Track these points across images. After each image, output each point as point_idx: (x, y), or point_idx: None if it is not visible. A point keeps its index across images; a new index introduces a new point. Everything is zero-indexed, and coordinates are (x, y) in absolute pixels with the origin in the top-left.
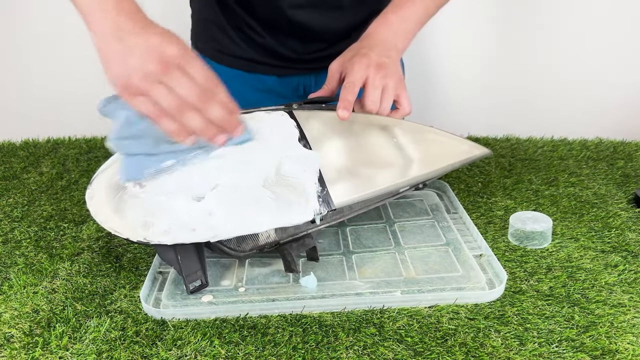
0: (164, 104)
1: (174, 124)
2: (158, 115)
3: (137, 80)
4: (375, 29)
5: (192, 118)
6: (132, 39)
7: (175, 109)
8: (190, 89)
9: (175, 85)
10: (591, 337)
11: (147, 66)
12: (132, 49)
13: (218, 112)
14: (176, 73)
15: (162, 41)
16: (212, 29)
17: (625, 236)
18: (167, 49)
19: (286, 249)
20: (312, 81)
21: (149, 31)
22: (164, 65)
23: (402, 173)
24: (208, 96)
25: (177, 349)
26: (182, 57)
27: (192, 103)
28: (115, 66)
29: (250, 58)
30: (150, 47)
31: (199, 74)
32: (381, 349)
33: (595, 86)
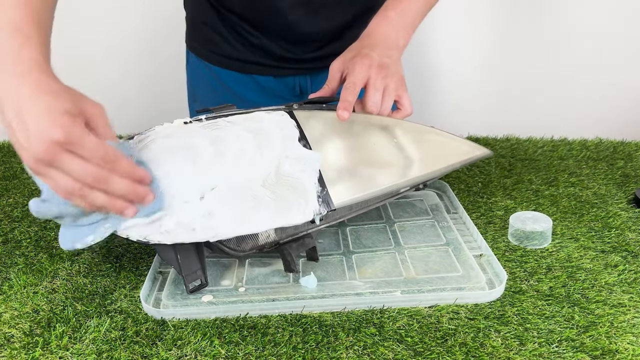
0: (63, 186)
1: (81, 201)
2: (65, 194)
3: (30, 162)
4: (376, 27)
5: (96, 197)
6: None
7: (76, 189)
8: (84, 171)
9: (68, 169)
10: (591, 337)
11: (36, 152)
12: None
13: (120, 185)
14: (64, 158)
15: (44, 123)
16: (206, 31)
17: (625, 236)
18: (52, 133)
19: (286, 249)
20: (308, 81)
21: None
22: (47, 152)
23: (402, 173)
24: (106, 173)
25: (177, 349)
26: (68, 141)
27: (90, 184)
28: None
29: (245, 59)
30: (34, 129)
31: (92, 152)
32: (381, 349)
33: (595, 86)
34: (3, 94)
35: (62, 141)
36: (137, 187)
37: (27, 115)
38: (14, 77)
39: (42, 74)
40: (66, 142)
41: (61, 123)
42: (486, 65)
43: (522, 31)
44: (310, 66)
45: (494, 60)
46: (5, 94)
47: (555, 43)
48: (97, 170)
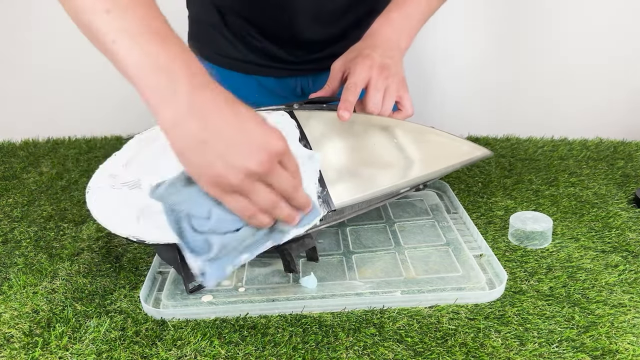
0: (263, 203)
1: (266, 218)
2: (253, 215)
3: (235, 180)
4: (378, 28)
5: (284, 209)
6: (221, 126)
7: (272, 205)
8: (288, 183)
9: (275, 183)
10: (591, 337)
11: (249, 165)
12: (227, 143)
13: (304, 198)
14: (278, 170)
15: (264, 134)
16: (210, 32)
17: (625, 236)
18: (275, 145)
19: (286, 249)
20: (310, 82)
21: (241, 117)
22: (270, 164)
23: (402, 174)
24: (298, 184)
25: (177, 349)
26: (285, 153)
27: (287, 195)
28: (199, 156)
29: (248, 60)
30: (253, 143)
31: (294, 164)
32: (381, 349)
33: (595, 86)
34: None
35: (281, 151)
36: (306, 195)
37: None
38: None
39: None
40: (283, 153)
41: (279, 134)
42: (486, 65)
43: (522, 31)
44: (312, 67)
45: (494, 60)
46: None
47: (555, 43)
48: (294, 181)
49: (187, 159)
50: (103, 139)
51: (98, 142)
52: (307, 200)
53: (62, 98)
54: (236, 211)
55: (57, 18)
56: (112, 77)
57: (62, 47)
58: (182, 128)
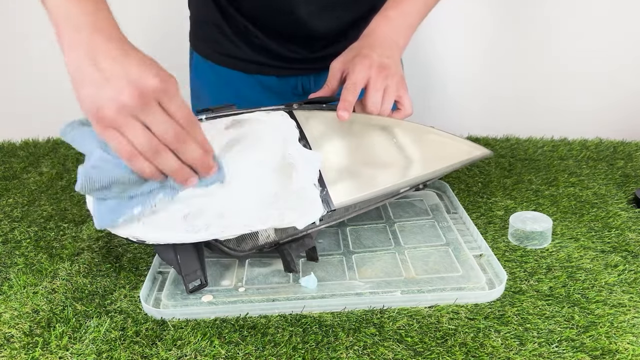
0: (138, 142)
1: (147, 164)
2: (131, 155)
3: (110, 112)
4: (376, 27)
5: (167, 159)
6: (107, 64)
7: (150, 149)
8: (168, 128)
9: (151, 123)
10: (591, 337)
11: (122, 98)
12: (107, 76)
13: (195, 153)
14: (154, 108)
15: (141, 71)
16: (211, 31)
17: (625, 236)
18: (147, 81)
19: (286, 249)
20: (311, 81)
21: (128, 57)
22: (141, 98)
23: (402, 173)
24: (185, 135)
25: (177, 349)
26: (162, 91)
27: (168, 143)
28: (86, 92)
29: (250, 59)
30: (128, 77)
31: (179, 110)
32: (381, 349)
33: (595, 86)
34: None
35: (158, 88)
36: (206, 156)
37: (117, 63)
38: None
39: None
40: (161, 90)
41: (158, 73)
42: (486, 65)
43: (523, 31)
44: (313, 66)
45: (494, 60)
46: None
47: (555, 43)
48: (179, 129)
49: (78, 94)
50: None
51: None
52: (202, 159)
53: (62, 98)
54: (113, 148)
55: None
56: None
57: None
58: (79, 68)
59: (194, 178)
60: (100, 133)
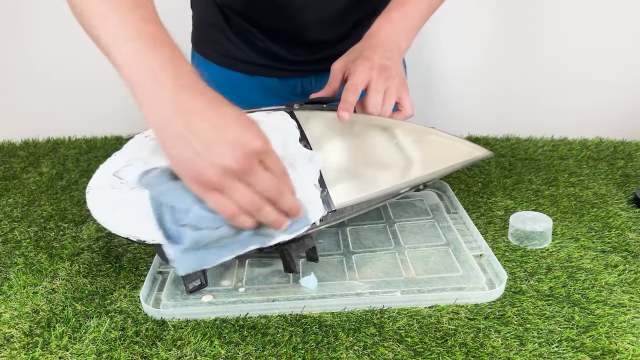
0: (243, 203)
1: (247, 219)
2: (234, 215)
3: (214, 177)
4: (379, 28)
5: (268, 213)
6: (203, 128)
7: (253, 206)
8: (269, 185)
9: (255, 182)
10: (591, 337)
11: (226, 162)
12: (206, 142)
13: (290, 202)
14: (258, 169)
15: (241, 132)
16: (213, 33)
17: (625, 236)
18: (251, 143)
19: (286, 250)
20: (312, 82)
21: (223, 117)
22: (246, 162)
23: (402, 174)
24: (283, 187)
25: (177, 349)
26: (264, 151)
27: (270, 197)
28: (182, 154)
29: (251, 61)
30: (229, 140)
31: (276, 165)
32: (381, 349)
33: (595, 86)
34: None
35: (262, 149)
36: (296, 202)
37: (215, 127)
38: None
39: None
40: (264, 152)
41: (259, 133)
42: (486, 65)
43: (523, 31)
44: (314, 67)
45: (494, 60)
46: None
47: (555, 43)
48: (278, 183)
49: (171, 154)
50: (103, 139)
51: (98, 142)
52: (295, 205)
53: (62, 98)
54: (216, 209)
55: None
56: (112, 77)
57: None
58: (166, 126)
59: (287, 222)
60: (200, 195)
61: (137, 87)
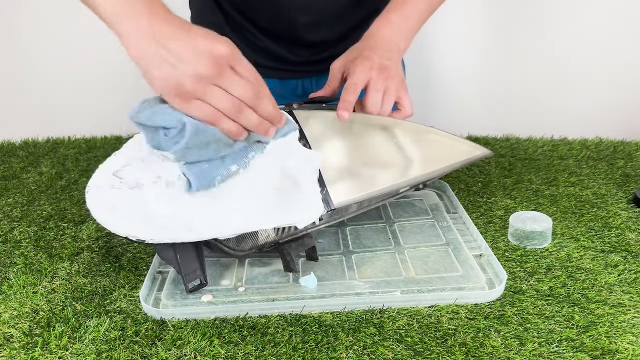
0: (222, 106)
1: (234, 124)
2: (217, 118)
3: (190, 85)
4: (378, 30)
5: (249, 116)
6: (175, 45)
7: (234, 109)
8: (245, 88)
9: (230, 86)
10: (591, 337)
11: (199, 69)
12: (179, 54)
13: (269, 107)
14: (229, 73)
15: (209, 42)
16: None
17: (625, 236)
18: (218, 49)
19: (285, 249)
20: (313, 83)
21: (192, 34)
22: (216, 66)
23: (402, 174)
24: (260, 92)
25: (177, 349)
26: (232, 57)
27: (247, 101)
28: (161, 73)
29: (252, 62)
30: (199, 50)
31: (249, 72)
32: (381, 349)
33: (595, 86)
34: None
35: (228, 54)
36: (277, 109)
37: (185, 43)
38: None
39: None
40: (231, 56)
41: (226, 41)
42: (486, 65)
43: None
44: (316, 68)
45: (494, 60)
46: (148, 40)
47: (555, 43)
48: (254, 87)
49: (152, 77)
50: (103, 139)
51: (98, 142)
52: (276, 112)
53: (62, 98)
54: (201, 118)
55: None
56: (112, 77)
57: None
58: (145, 51)
59: (273, 129)
60: (183, 108)
61: (116, 26)
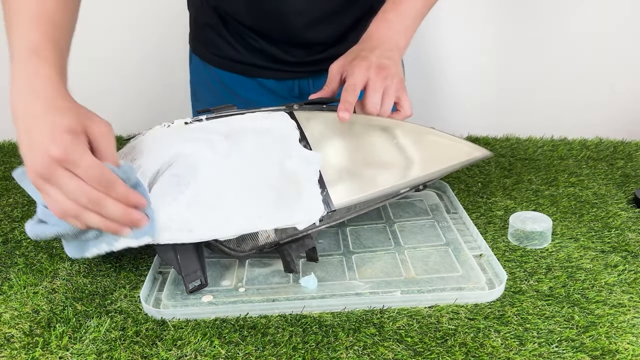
0: (58, 205)
1: (76, 221)
2: (60, 213)
3: (32, 176)
4: (376, 29)
5: (90, 218)
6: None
7: (71, 210)
8: (78, 193)
9: (62, 189)
10: (591, 337)
11: (35, 165)
12: (27, 141)
13: (115, 210)
14: (62, 176)
15: (46, 138)
16: (210, 34)
17: (625, 236)
18: (51, 149)
19: (285, 250)
20: (309, 83)
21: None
22: (46, 167)
23: (402, 174)
24: (100, 196)
25: (177, 349)
26: (65, 158)
27: (84, 206)
28: (21, 149)
29: (248, 62)
30: (37, 144)
31: (87, 172)
32: (381, 349)
33: (595, 86)
34: (18, 111)
35: (59, 158)
36: (131, 212)
37: (33, 130)
38: (28, 95)
39: (54, 92)
40: (63, 160)
41: (61, 140)
42: (486, 64)
43: (522, 31)
44: (313, 69)
45: (494, 60)
46: (19, 111)
47: (555, 43)
48: (91, 191)
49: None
50: None
51: None
52: (127, 214)
53: None
54: (46, 203)
55: None
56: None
57: None
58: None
59: (125, 230)
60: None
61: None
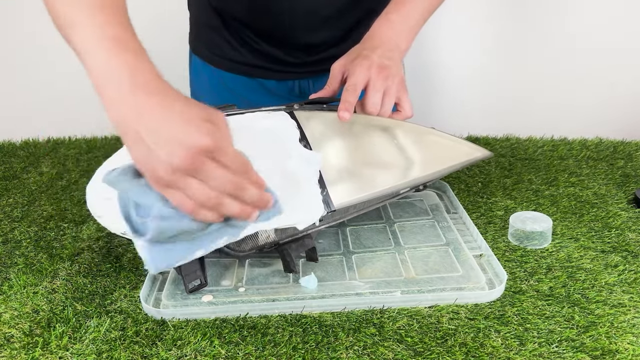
0: (197, 199)
1: (211, 213)
2: (193, 210)
3: (165, 174)
4: (378, 30)
5: (229, 206)
6: (153, 125)
7: (210, 202)
8: (224, 181)
9: (207, 179)
10: (591, 337)
11: (173, 160)
12: (155, 139)
13: (254, 196)
14: (207, 166)
15: (187, 130)
16: (210, 34)
17: (625, 236)
18: (196, 142)
19: (285, 250)
20: (309, 84)
21: (172, 114)
22: (191, 160)
23: (402, 174)
24: (242, 182)
25: (177, 349)
26: (213, 149)
27: (229, 191)
28: (138, 152)
29: (249, 63)
30: (175, 139)
31: (233, 161)
32: (381, 349)
33: (595, 86)
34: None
35: (209, 147)
36: (264, 193)
37: (162, 126)
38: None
39: (164, 84)
40: (213, 148)
41: (206, 129)
42: (486, 65)
43: (522, 31)
44: (313, 69)
45: (494, 60)
46: (128, 109)
47: (555, 43)
48: (235, 177)
49: (130, 152)
50: (103, 139)
51: (98, 142)
52: (261, 198)
53: (62, 98)
54: (176, 205)
55: None
56: None
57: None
58: (122, 124)
59: (255, 213)
60: (160, 191)
61: (100, 90)
